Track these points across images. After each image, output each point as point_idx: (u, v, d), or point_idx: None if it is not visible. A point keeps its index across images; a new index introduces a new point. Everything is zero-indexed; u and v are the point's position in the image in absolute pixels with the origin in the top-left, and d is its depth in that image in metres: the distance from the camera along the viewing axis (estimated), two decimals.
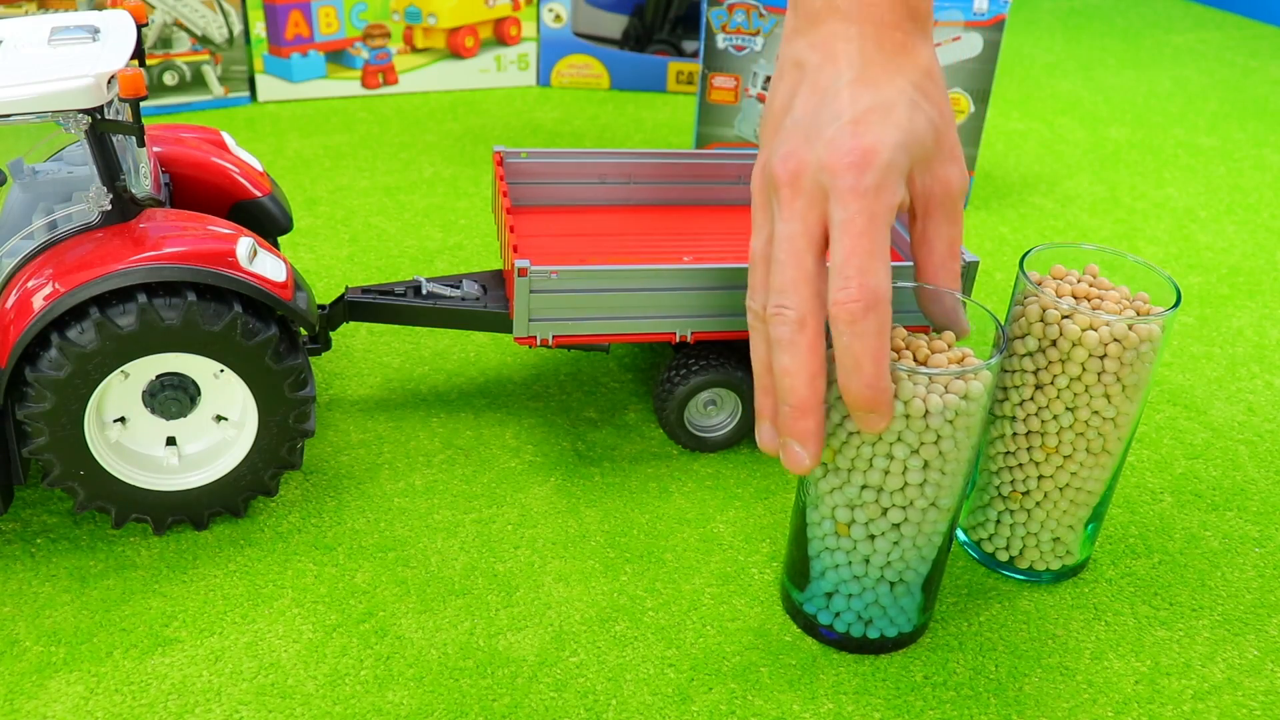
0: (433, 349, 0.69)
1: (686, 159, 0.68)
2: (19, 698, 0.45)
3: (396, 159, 0.96)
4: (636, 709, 0.46)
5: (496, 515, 0.56)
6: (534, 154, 0.66)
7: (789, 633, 0.50)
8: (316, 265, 0.78)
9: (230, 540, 0.54)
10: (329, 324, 0.60)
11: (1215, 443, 0.64)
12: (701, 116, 0.93)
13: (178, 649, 0.48)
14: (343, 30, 1.07)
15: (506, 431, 0.62)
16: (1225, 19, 1.59)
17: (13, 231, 0.50)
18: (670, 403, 0.59)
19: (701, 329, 0.57)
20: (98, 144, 0.47)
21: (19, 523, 0.54)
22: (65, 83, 0.45)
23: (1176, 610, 0.53)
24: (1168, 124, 1.15)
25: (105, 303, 0.48)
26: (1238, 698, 0.48)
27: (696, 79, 1.10)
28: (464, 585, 0.52)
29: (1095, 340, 0.47)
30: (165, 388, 0.51)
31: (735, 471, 0.60)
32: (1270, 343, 0.75)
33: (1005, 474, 0.52)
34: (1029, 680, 0.49)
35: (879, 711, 0.47)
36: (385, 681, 0.47)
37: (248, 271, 0.49)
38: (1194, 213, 0.94)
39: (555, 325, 0.56)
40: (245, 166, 0.60)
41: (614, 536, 0.55)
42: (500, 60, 1.14)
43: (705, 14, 0.89)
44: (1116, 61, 1.36)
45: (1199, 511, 0.59)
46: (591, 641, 0.49)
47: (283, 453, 0.53)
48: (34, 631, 0.48)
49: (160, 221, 0.50)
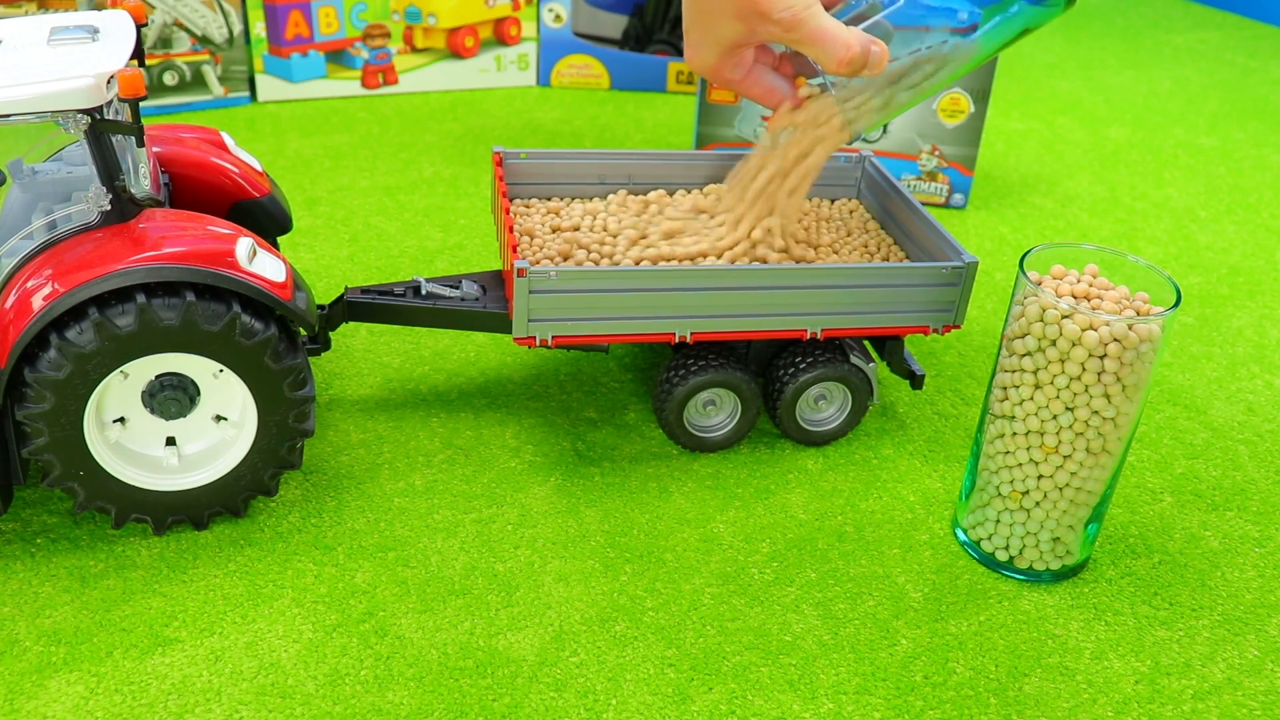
0: (433, 349, 0.69)
1: (686, 159, 0.68)
2: (19, 698, 0.45)
3: (396, 159, 0.96)
4: (636, 709, 0.46)
5: (496, 515, 0.56)
6: (534, 154, 0.66)
7: (789, 633, 0.50)
8: (316, 265, 0.78)
9: (230, 540, 0.54)
10: (329, 324, 0.60)
11: (1215, 443, 0.64)
12: (701, 116, 0.93)
13: (178, 649, 0.48)
14: (343, 30, 1.07)
15: (506, 431, 0.62)
16: (1225, 19, 1.59)
17: (12, 231, 0.50)
18: (669, 403, 0.59)
19: (701, 329, 0.57)
20: (97, 144, 0.47)
21: (19, 523, 0.54)
22: (65, 83, 0.45)
23: (1176, 610, 0.53)
24: (1168, 124, 1.15)
25: (104, 303, 0.48)
26: (1238, 698, 0.48)
27: (696, 79, 1.10)
28: (464, 585, 0.52)
29: (1095, 340, 0.47)
30: (165, 388, 0.51)
31: (735, 471, 0.60)
32: (1270, 343, 0.75)
33: (1005, 473, 0.52)
34: (1029, 680, 0.49)
35: (879, 711, 0.47)
36: (385, 681, 0.47)
37: (247, 271, 0.49)
38: (1194, 213, 0.94)
39: (554, 325, 0.56)
40: (245, 166, 0.60)
41: (614, 536, 0.55)
42: (500, 60, 1.14)
43: None
44: (1116, 61, 1.36)
45: (1199, 511, 0.59)
46: (591, 641, 0.49)
47: (282, 452, 0.53)
48: (34, 631, 0.48)
49: (159, 221, 0.50)
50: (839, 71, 0.53)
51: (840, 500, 0.58)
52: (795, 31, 0.53)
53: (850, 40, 0.53)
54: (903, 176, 0.91)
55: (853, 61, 0.53)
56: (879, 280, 0.57)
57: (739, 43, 0.56)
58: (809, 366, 0.60)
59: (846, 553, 0.55)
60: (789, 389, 0.60)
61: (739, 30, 0.55)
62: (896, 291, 0.58)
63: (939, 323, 0.59)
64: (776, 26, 0.53)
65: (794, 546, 0.55)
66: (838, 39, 0.53)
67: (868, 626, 0.51)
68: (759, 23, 0.54)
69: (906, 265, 0.58)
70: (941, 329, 0.59)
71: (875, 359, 0.63)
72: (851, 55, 0.53)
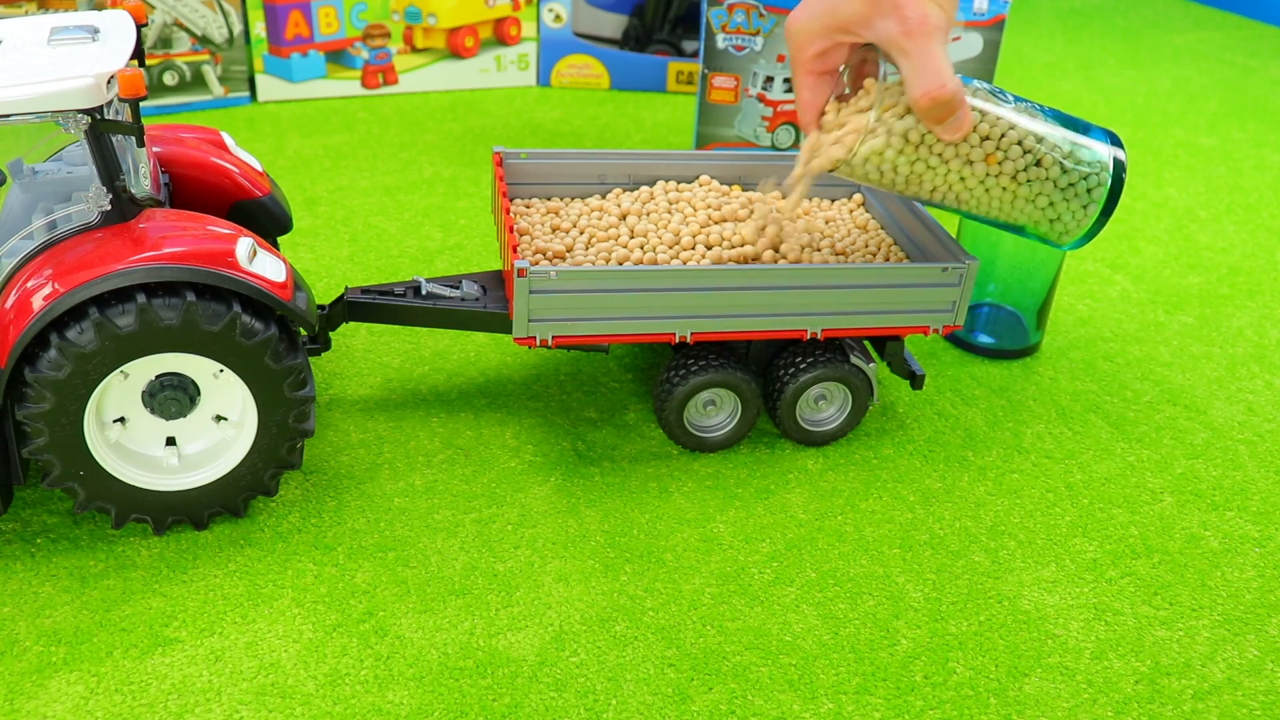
0: (433, 349, 0.69)
1: (687, 159, 0.68)
2: (19, 698, 0.45)
3: (396, 159, 0.96)
4: (636, 709, 0.46)
5: (496, 515, 0.56)
6: (534, 154, 0.66)
7: (789, 633, 0.50)
8: (316, 265, 0.78)
9: (230, 540, 0.54)
10: (329, 324, 0.60)
11: (1215, 443, 0.64)
12: (701, 116, 0.93)
13: (178, 649, 0.48)
14: (343, 30, 1.07)
15: (506, 431, 0.62)
16: (1225, 19, 1.59)
17: (12, 231, 0.50)
18: (669, 403, 0.59)
19: (701, 329, 0.57)
20: (97, 144, 0.47)
21: (19, 523, 0.54)
22: (65, 83, 0.45)
23: (1176, 610, 0.53)
24: (1168, 124, 1.15)
25: (104, 303, 0.48)
26: (1238, 698, 0.48)
27: (696, 79, 1.10)
28: (464, 585, 0.52)
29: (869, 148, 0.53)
30: (165, 388, 0.51)
31: (735, 471, 0.60)
32: (1270, 343, 0.75)
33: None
34: (1029, 680, 0.49)
35: (879, 711, 0.47)
36: (385, 681, 0.47)
37: (247, 271, 0.49)
38: (1194, 213, 0.94)
39: (555, 326, 0.56)
40: (245, 166, 0.60)
41: (614, 536, 0.55)
42: (500, 60, 1.14)
43: (705, 14, 0.89)
44: (1116, 61, 1.36)
45: (1199, 511, 0.59)
46: (591, 641, 0.49)
47: (282, 453, 0.53)
48: (34, 631, 0.48)
49: (160, 221, 0.50)
50: (920, 103, 0.50)
51: (840, 500, 0.58)
52: (911, 39, 0.50)
53: (949, 79, 0.49)
54: None
55: (938, 100, 0.50)
56: (879, 280, 0.57)
57: (849, 26, 0.52)
58: (809, 366, 0.60)
59: (846, 553, 0.55)
60: (789, 389, 0.60)
61: (860, 13, 0.52)
62: (897, 292, 0.58)
63: (939, 323, 0.59)
64: (898, 25, 0.50)
65: (794, 546, 0.55)
66: (941, 70, 0.49)
67: (867, 626, 0.51)
68: (886, 13, 0.51)
69: (906, 265, 0.58)
70: (941, 329, 0.59)
71: (875, 359, 0.63)
72: (944, 94, 0.49)
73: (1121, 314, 0.77)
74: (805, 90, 0.55)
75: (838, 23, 0.53)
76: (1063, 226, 0.56)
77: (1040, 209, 0.55)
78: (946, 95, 0.50)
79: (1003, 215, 0.56)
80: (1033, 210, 0.55)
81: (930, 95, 0.50)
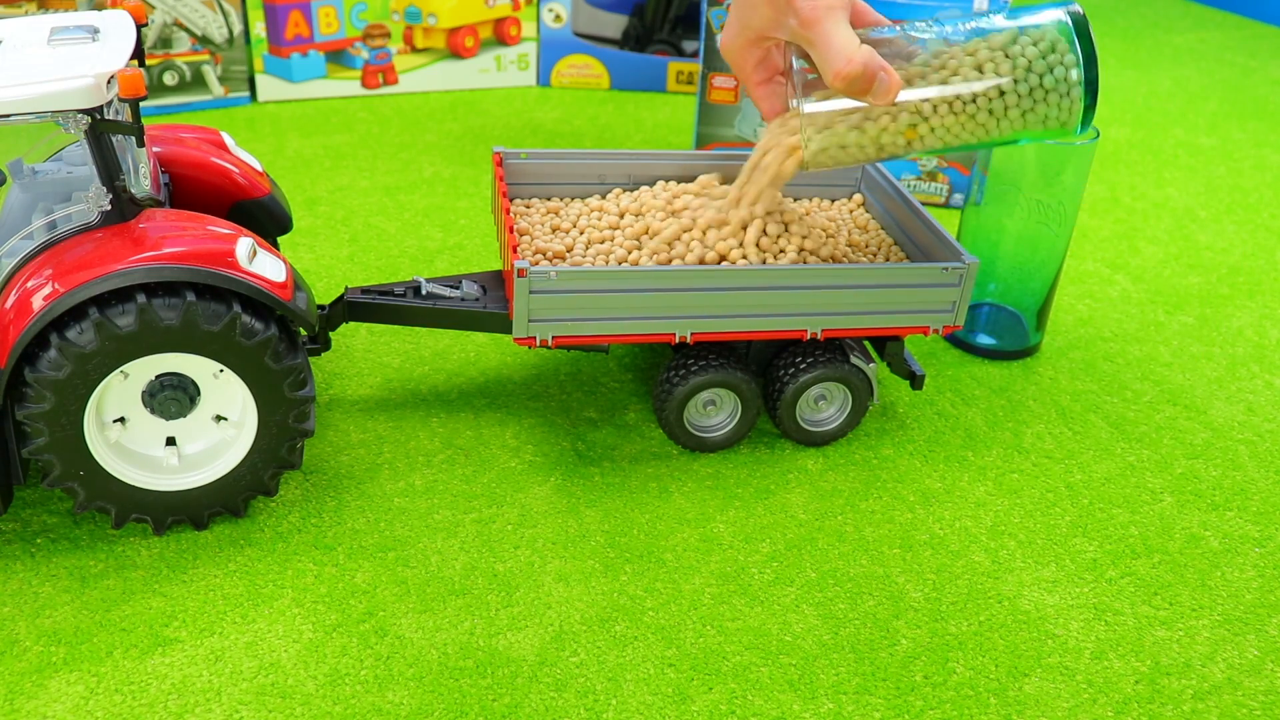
0: (433, 349, 0.69)
1: (686, 159, 0.68)
2: (19, 698, 0.45)
3: (396, 159, 0.96)
4: (636, 709, 0.46)
5: (496, 515, 0.56)
6: (534, 155, 0.66)
7: (789, 633, 0.50)
8: (316, 265, 0.78)
9: (230, 540, 0.54)
10: (329, 324, 0.60)
11: (1215, 443, 0.64)
12: (701, 116, 0.93)
13: (178, 649, 0.48)
14: (343, 30, 1.07)
15: (506, 431, 0.62)
16: (1225, 19, 1.59)
17: (12, 231, 0.50)
18: (669, 403, 0.59)
19: (701, 329, 0.57)
20: (97, 144, 0.47)
21: (19, 523, 0.54)
22: (65, 83, 0.45)
23: (1176, 610, 0.53)
24: (1168, 124, 1.15)
25: (104, 303, 0.48)
26: (1238, 698, 0.48)
27: (696, 79, 1.10)
28: (464, 585, 0.52)
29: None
30: (165, 388, 0.51)
31: (735, 471, 0.60)
32: (1270, 343, 0.75)
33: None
34: (1029, 680, 0.49)
35: (879, 711, 0.47)
36: (385, 681, 0.47)
37: (247, 271, 0.49)
38: (1194, 213, 0.94)
39: (554, 326, 0.56)
40: (245, 166, 0.60)
41: (614, 536, 0.55)
42: (500, 60, 1.14)
43: (705, 14, 0.90)
44: (1116, 61, 1.36)
45: (1199, 511, 0.59)
46: (591, 641, 0.49)
47: (282, 452, 0.53)
48: (34, 631, 0.48)
49: (160, 221, 0.50)
50: (834, 85, 0.52)
51: (840, 500, 0.58)
52: (809, 30, 0.52)
53: (854, 54, 0.51)
54: (903, 177, 0.91)
55: (849, 77, 0.51)
56: (879, 281, 0.57)
57: (765, 32, 0.55)
58: (809, 367, 0.60)
59: (846, 553, 0.55)
60: (789, 389, 0.60)
61: (768, 17, 0.54)
62: (896, 292, 0.58)
63: (939, 323, 0.59)
64: (795, 18, 0.52)
65: (794, 546, 0.55)
66: (842, 50, 0.51)
67: (867, 626, 0.51)
68: (785, 11, 0.53)
69: (906, 265, 0.58)
70: (941, 329, 0.59)
71: (875, 359, 0.63)
72: (852, 70, 0.51)
73: (1121, 314, 0.77)
74: (763, 102, 0.59)
75: (755, 33, 0.56)
76: (1057, 122, 0.54)
77: (1026, 123, 0.54)
78: (855, 70, 0.51)
79: (990, 139, 0.55)
80: (1018, 124, 0.54)
81: (840, 75, 0.51)
